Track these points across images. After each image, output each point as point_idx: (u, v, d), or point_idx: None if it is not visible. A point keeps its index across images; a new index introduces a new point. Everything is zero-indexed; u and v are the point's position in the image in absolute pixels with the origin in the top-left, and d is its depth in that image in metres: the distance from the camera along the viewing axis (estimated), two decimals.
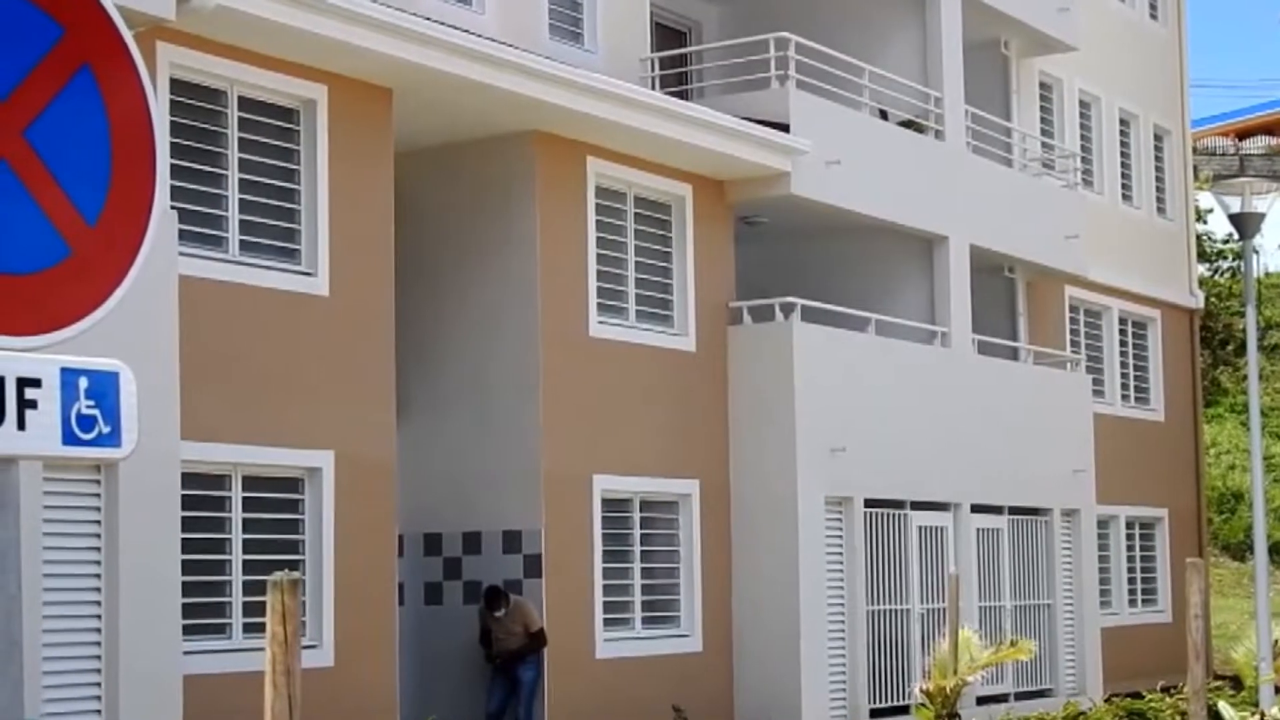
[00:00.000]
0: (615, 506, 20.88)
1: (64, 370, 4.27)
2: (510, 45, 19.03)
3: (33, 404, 4.20)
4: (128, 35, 4.42)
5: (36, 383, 4.21)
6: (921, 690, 16.85)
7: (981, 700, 23.47)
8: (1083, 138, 30.28)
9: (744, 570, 22.03)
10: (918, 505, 23.89)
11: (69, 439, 4.29)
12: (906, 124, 25.21)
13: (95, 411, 4.32)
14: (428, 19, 18.07)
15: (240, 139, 16.82)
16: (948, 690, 16.45)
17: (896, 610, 23.35)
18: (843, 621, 22.55)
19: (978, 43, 26.93)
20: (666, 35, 25.20)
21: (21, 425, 4.18)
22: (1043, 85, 29.43)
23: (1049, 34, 27.98)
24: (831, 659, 22.31)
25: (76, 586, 14.10)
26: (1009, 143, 27.78)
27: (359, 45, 16.93)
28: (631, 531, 21.15)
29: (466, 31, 18.51)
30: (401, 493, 18.50)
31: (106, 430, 4.36)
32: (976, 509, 24.91)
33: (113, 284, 4.39)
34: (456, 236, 20.24)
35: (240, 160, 16.80)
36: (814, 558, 22.05)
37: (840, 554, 22.64)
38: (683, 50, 24.91)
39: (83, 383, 4.30)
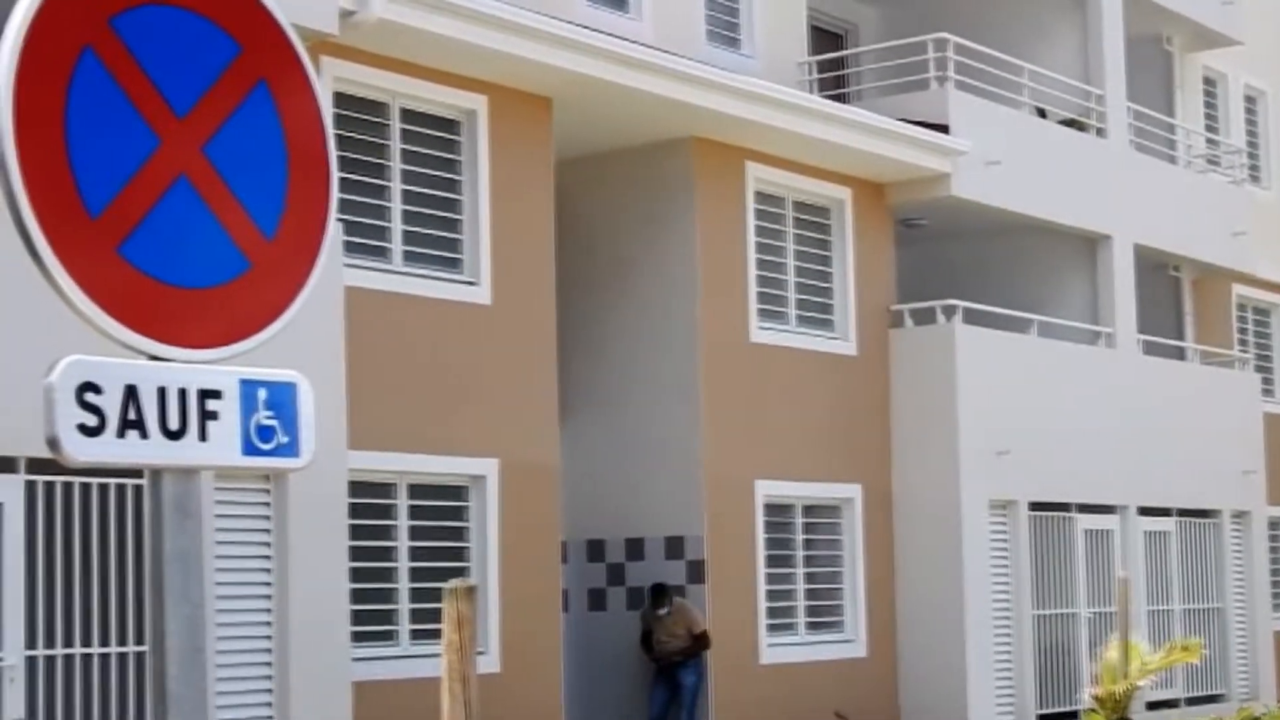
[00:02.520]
0: (778, 512, 20.83)
1: (243, 382, 4.33)
2: (668, 52, 19.06)
3: (214, 415, 4.26)
4: (303, 51, 4.48)
5: (217, 394, 4.27)
6: (1091, 695, 16.67)
7: (1152, 705, 23.17)
8: (1249, 133, 29.80)
9: (908, 575, 21.90)
10: (1084, 508, 23.63)
11: (248, 449, 4.34)
12: (1068, 123, 24.95)
13: (274, 422, 4.37)
14: (586, 27, 18.15)
15: (403, 150, 16.99)
16: (1117, 695, 16.26)
17: (1063, 615, 23.10)
18: (1009, 626, 22.35)
19: (1140, 38, 26.61)
20: (823, 38, 25.11)
21: (203, 436, 4.23)
22: (1206, 80, 29.02)
23: (1212, 28, 27.59)
24: (997, 664, 22.11)
25: (248, 594, 14.30)
26: (1173, 139, 27.42)
27: (518, 55, 17.03)
28: (794, 536, 21.09)
29: (624, 39, 18.57)
30: (565, 499, 18.58)
31: (285, 441, 4.40)
32: (1144, 511, 24.60)
33: (290, 296, 4.44)
34: (616, 243, 20.30)
35: (403, 171, 16.97)
36: (978, 562, 21.88)
37: (1005, 558, 22.44)
38: (840, 53, 24.82)
39: (262, 394, 4.35)
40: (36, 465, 12.60)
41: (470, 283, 17.34)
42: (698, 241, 19.93)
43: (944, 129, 22.12)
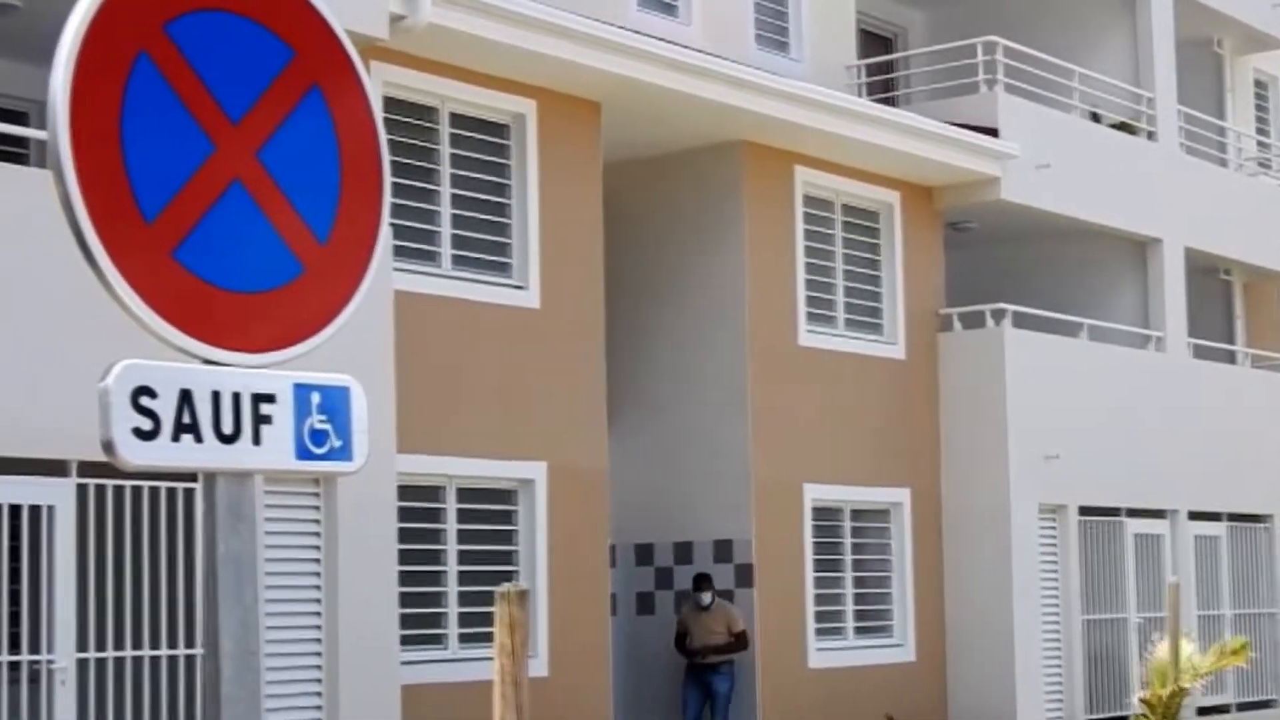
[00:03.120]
0: (826, 515, 20.81)
1: (297, 386, 4.34)
2: (717, 56, 19.06)
3: (267, 419, 4.27)
4: (355, 56, 4.49)
5: (271, 398, 4.28)
6: (1140, 699, 16.59)
7: (1203, 711, 23.06)
8: None
9: (956, 579, 21.85)
10: (1133, 513, 23.53)
11: (302, 453, 4.35)
12: (1119, 126, 24.85)
13: (327, 426, 4.39)
14: (635, 32, 18.16)
15: (452, 155, 17.03)
16: (1167, 699, 16.18)
17: (1112, 619, 23.01)
18: (1058, 630, 22.28)
19: (1190, 41, 26.50)
20: (872, 42, 25.08)
21: (257, 440, 4.25)
22: (1257, 83, 28.88)
23: (1263, 30, 27.45)
24: (1046, 668, 22.04)
25: (297, 598, 14.35)
26: (1223, 142, 27.28)
27: (567, 60, 17.05)
28: (843, 540, 21.06)
29: (673, 43, 18.57)
30: (613, 503, 18.59)
31: (338, 444, 4.42)
32: (1194, 516, 24.48)
33: (343, 300, 4.45)
34: (665, 247, 20.30)
35: (452, 176, 17.01)
36: (1028, 566, 21.81)
37: (1054, 562, 22.37)
38: (889, 57, 24.78)
39: (315, 398, 4.37)
40: (87, 468, 12.67)
41: (519, 287, 17.37)
42: (746, 245, 19.92)
43: (993, 132, 22.06)
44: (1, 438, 12.30)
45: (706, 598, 19.21)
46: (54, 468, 12.70)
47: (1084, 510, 22.68)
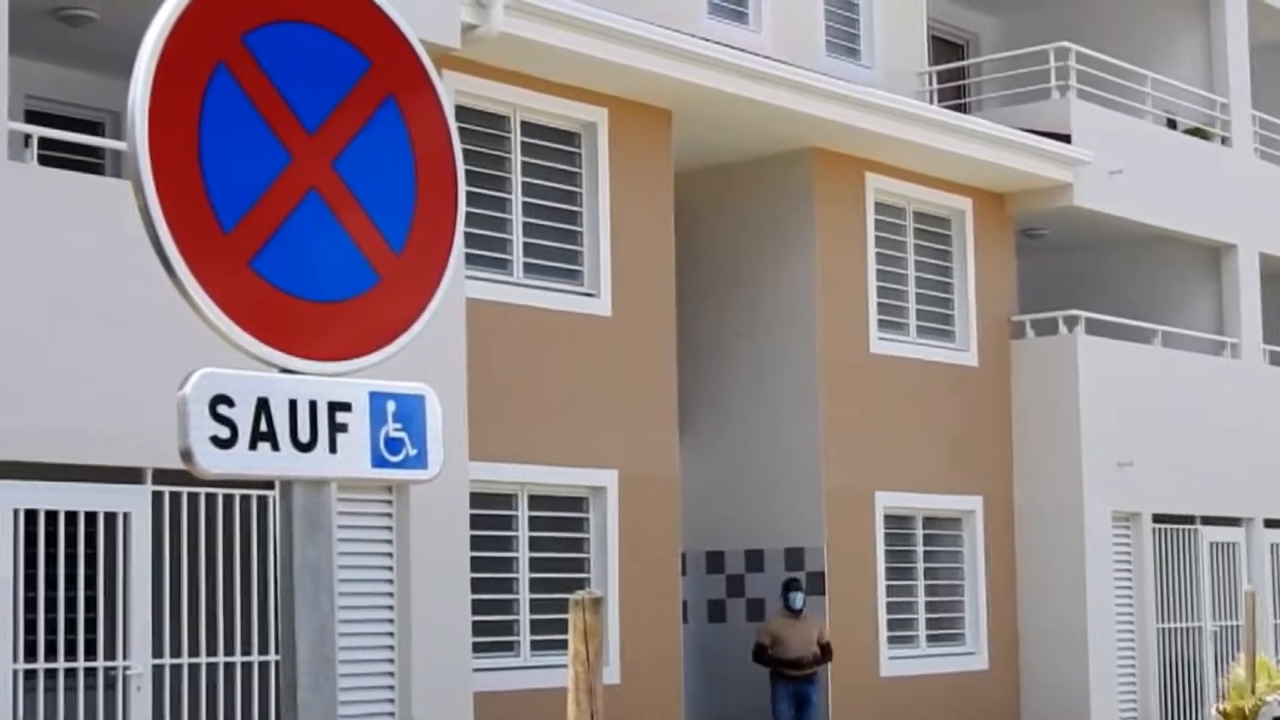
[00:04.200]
0: (898, 523, 20.76)
1: (373, 394, 4.35)
2: (787, 63, 19.05)
3: (343, 427, 4.28)
4: (430, 66, 4.51)
5: (347, 407, 4.30)
6: (1218, 710, 16.47)
7: None
8: None
9: (1030, 587, 21.75)
10: (1208, 520, 23.36)
11: (377, 461, 4.37)
12: (1193, 131, 24.70)
13: (403, 434, 4.40)
14: (705, 39, 18.17)
15: (523, 163, 17.08)
16: (1245, 711, 16.05)
17: (1187, 628, 22.85)
18: (1132, 640, 22.14)
19: (1264, 46, 26.32)
20: (944, 48, 25.01)
21: (333, 448, 4.26)
22: None
23: None
24: (1121, 678, 21.91)
25: (370, 605, 14.40)
26: None
27: (638, 68, 17.08)
28: (915, 548, 21.00)
29: (744, 50, 18.57)
30: (684, 510, 18.59)
31: (413, 453, 4.43)
32: (1270, 524, 24.28)
33: (418, 310, 4.46)
34: (736, 254, 20.29)
35: (523, 184, 17.06)
36: (1101, 574, 21.69)
37: (1128, 570, 22.24)
38: (961, 63, 24.71)
39: (390, 406, 4.38)
40: (162, 475, 12.75)
41: (590, 294, 17.40)
42: (817, 252, 19.89)
43: (1066, 138, 21.97)
44: (79, 445, 12.40)
45: (799, 599, 18.67)
46: (130, 475, 12.79)
47: (1158, 518, 22.54)
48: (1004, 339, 22.15)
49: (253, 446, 4.10)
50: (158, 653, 12.91)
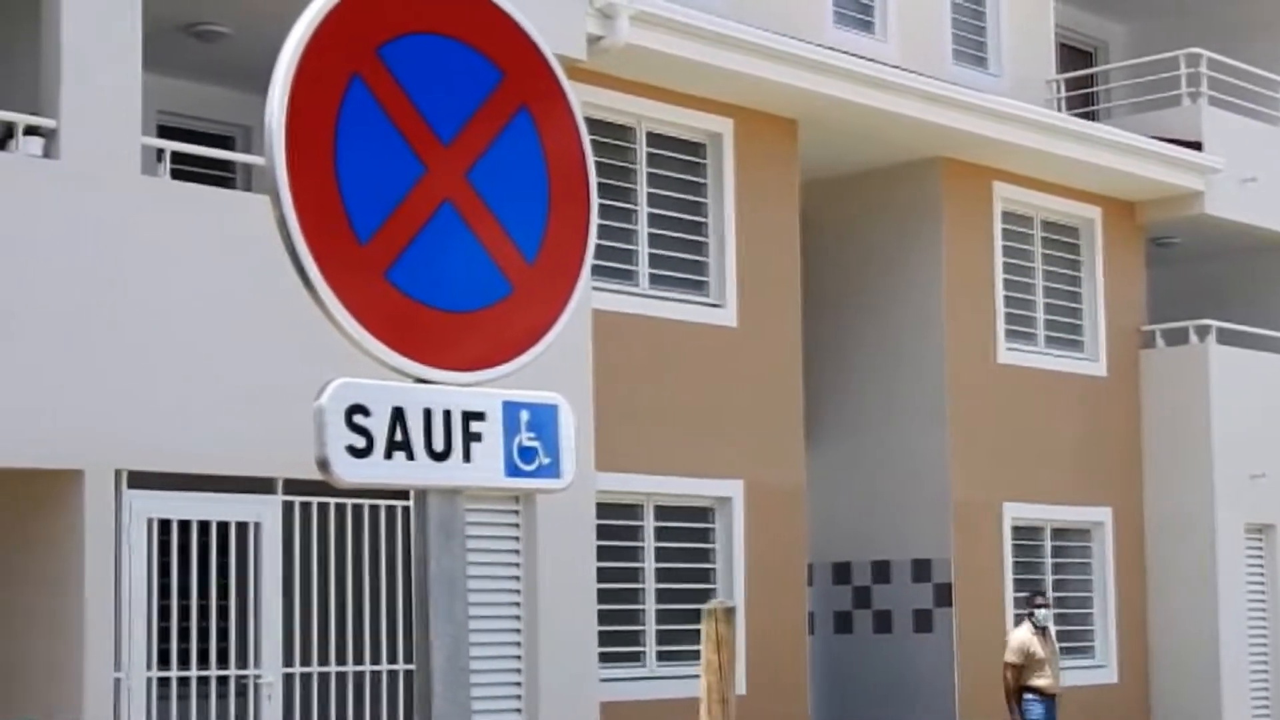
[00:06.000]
0: (1026, 534, 20.60)
1: (506, 404, 4.37)
2: (915, 72, 18.96)
3: (477, 437, 4.30)
4: (563, 77, 4.53)
5: (480, 416, 4.31)
6: None
7: None
8: None
9: (1160, 599, 21.51)
10: None
11: (511, 471, 4.38)
12: None
13: (536, 444, 4.41)
14: (832, 49, 18.12)
15: (649, 174, 17.10)
16: None
17: None
18: (1265, 652, 21.85)
19: None
20: (1072, 56, 24.80)
21: (467, 458, 4.28)
22: None
23: None
24: (1254, 691, 21.62)
25: (498, 614, 14.46)
26: None
27: (764, 78, 17.06)
28: (1043, 560, 20.83)
29: (870, 60, 18.51)
30: (810, 521, 18.54)
31: (547, 462, 4.44)
32: None
33: (550, 319, 4.48)
34: (863, 264, 20.22)
35: (649, 195, 17.08)
36: (1233, 587, 21.42)
37: (1262, 583, 21.95)
38: (1089, 70, 24.50)
39: (524, 415, 4.40)
40: (293, 486, 12.87)
41: (716, 305, 17.39)
42: (945, 262, 19.79)
43: (1197, 146, 21.73)
44: (212, 456, 12.54)
45: (1044, 615, 17.44)
46: (262, 485, 12.92)
47: None
48: (1133, 349, 21.93)
49: (388, 456, 4.13)
50: (288, 661, 13.02)
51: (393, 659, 13.63)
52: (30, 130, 12.20)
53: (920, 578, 19.62)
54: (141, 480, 12.32)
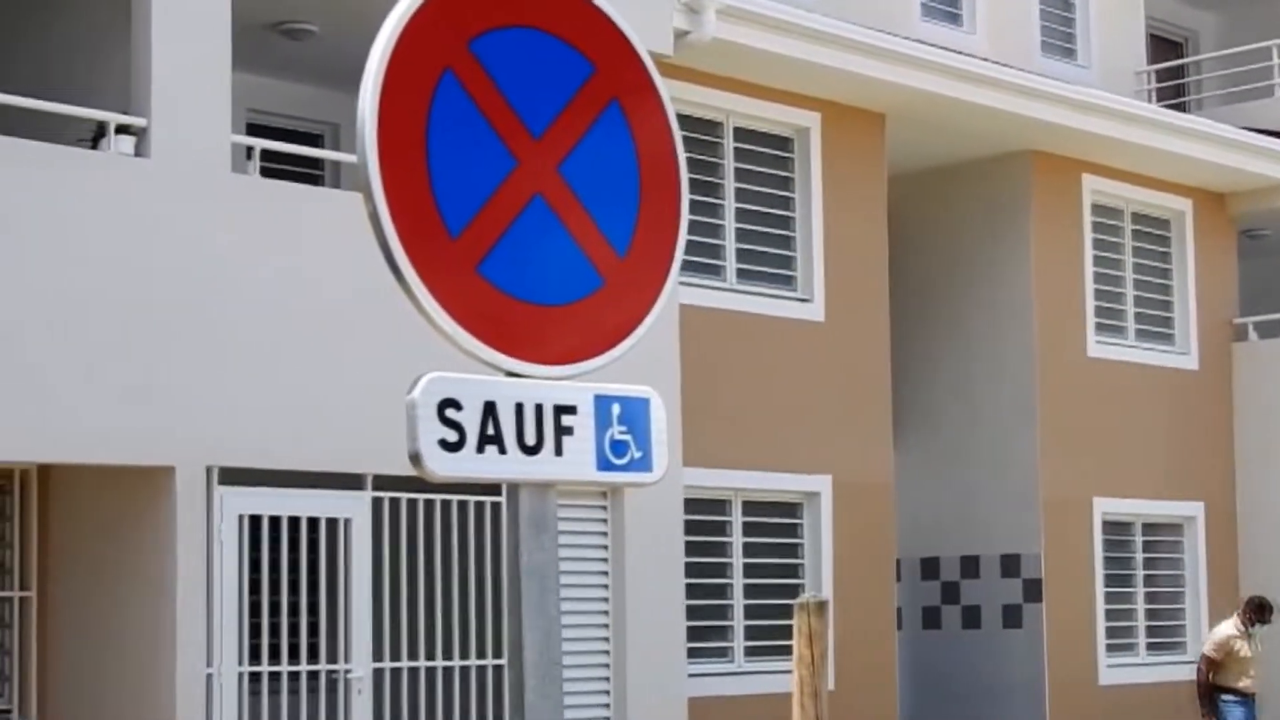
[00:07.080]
0: (1116, 530, 20.44)
1: (598, 397, 4.36)
2: (1003, 64, 18.84)
3: (569, 430, 4.30)
4: (654, 71, 4.52)
5: (572, 410, 4.31)
6: None
7: None
8: None
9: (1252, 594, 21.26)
10: None
11: (603, 464, 4.37)
12: None
13: (628, 437, 4.40)
14: (920, 42, 18.04)
15: (736, 168, 17.07)
16: None
17: None
18: None
19: None
20: (1162, 46, 24.60)
21: (559, 452, 4.28)
22: None
23: None
24: None
25: (587, 609, 14.47)
26: None
27: (852, 72, 16.99)
28: (1134, 555, 20.67)
29: (958, 53, 18.41)
30: (898, 516, 18.47)
31: (638, 455, 4.43)
32: None
33: (641, 314, 4.46)
34: (951, 258, 20.12)
35: (736, 189, 17.05)
36: None
37: None
38: (1180, 61, 24.30)
39: (615, 409, 4.39)
40: (381, 481, 12.92)
41: (804, 300, 17.35)
42: (1033, 255, 19.66)
43: None
44: (302, 453, 12.60)
45: (1261, 630, 16.99)
46: (351, 481, 12.98)
47: None
48: (1225, 341, 21.73)
49: (480, 449, 4.13)
50: (378, 656, 13.08)
51: (482, 654, 13.67)
52: (121, 129, 12.29)
53: (1009, 573, 19.51)
54: (232, 477, 12.40)
